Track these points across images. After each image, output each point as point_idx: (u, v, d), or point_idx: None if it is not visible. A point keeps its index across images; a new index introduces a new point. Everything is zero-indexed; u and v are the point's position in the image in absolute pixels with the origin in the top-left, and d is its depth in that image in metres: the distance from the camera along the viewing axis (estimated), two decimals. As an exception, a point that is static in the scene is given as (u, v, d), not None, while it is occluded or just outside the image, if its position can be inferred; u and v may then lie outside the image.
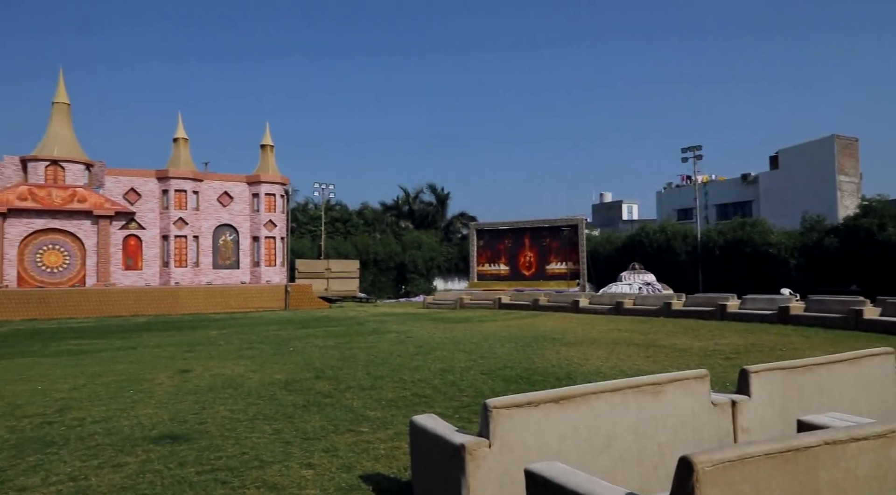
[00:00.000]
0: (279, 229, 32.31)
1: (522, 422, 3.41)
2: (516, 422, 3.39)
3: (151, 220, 30.12)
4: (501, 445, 3.37)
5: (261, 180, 31.98)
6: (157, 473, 4.79)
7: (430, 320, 20.62)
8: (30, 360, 11.53)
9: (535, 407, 3.41)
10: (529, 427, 3.42)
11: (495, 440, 3.36)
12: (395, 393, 7.84)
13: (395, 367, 10.02)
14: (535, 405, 3.41)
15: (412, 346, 12.92)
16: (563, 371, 9.39)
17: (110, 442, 5.72)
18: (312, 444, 5.53)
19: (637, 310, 21.43)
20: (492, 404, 3.35)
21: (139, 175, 30.27)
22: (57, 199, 27.97)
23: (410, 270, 40.80)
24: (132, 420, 6.59)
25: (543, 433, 3.43)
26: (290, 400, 7.51)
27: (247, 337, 15.38)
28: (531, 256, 38.21)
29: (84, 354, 12.36)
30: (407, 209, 48.82)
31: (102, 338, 15.61)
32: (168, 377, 9.35)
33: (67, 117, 29.99)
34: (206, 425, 6.30)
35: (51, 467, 4.97)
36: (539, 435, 3.41)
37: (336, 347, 12.89)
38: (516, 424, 3.39)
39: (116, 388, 8.44)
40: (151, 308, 25.94)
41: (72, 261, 28.66)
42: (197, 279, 30.36)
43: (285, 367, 10.17)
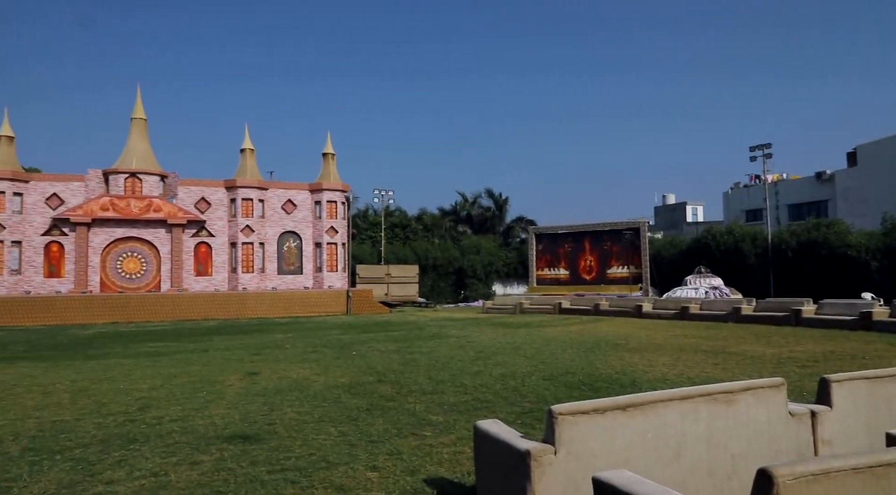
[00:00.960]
0: (340, 235, 33.03)
1: (588, 429, 3.36)
2: (582, 429, 3.35)
3: (220, 228, 31.39)
4: (567, 452, 3.33)
5: (322, 188, 32.81)
6: (231, 471, 4.98)
7: (489, 325, 20.59)
8: (113, 361, 12.22)
9: (601, 414, 3.36)
10: (595, 434, 3.36)
11: (561, 447, 3.33)
12: (456, 398, 7.87)
13: (456, 372, 10.05)
14: (601, 412, 3.36)
15: (472, 351, 12.93)
16: (627, 377, 9.18)
17: (187, 440, 5.99)
18: (377, 447, 5.63)
19: (704, 315, 20.70)
20: (557, 410, 3.32)
21: (209, 185, 31.64)
22: (135, 209, 29.59)
23: (469, 275, 40.86)
24: (206, 419, 6.88)
25: (610, 441, 3.37)
26: (354, 403, 7.66)
27: (311, 341, 15.78)
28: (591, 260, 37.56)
29: (161, 356, 12.99)
30: (465, 214, 48.95)
31: (177, 341, 16.38)
32: (238, 379, 9.71)
33: (144, 131, 31.72)
34: (274, 426, 6.51)
35: (134, 462, 5.26)
36: (606, 442, 3.36)
37: (397, 351, 13.05)
38: (582, 431, 3.35)
39: (191, 389, 8.83)
40: (221, 312, 27.01)
41: (148, 268, 30.23)
42: (263, 284, 31.41)
43: (348, 371, 10.37)
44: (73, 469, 5.10)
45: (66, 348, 15.17)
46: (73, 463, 5.27)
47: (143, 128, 31.78)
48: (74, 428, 6.58)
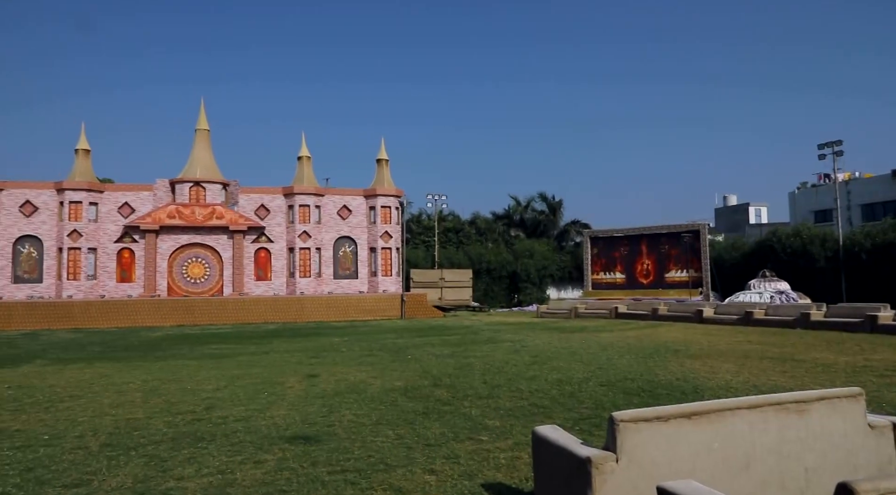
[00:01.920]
0: (395, 240, 33.43)
1: (651, 437, 3.28)
2: (644, 437, 3.28)
3: (279, 234, 32.32)
4: (629, 460, 3.26)
5: (377, 193, 33.31)
6: (293, 471, 5.11)
7: (544, 330, 20.38)
8: (180, 363, 12.74)
9: (664, 422, 3.28)
10: (659, 442, 3.28)
11: (622, 454, 3.26)
12: (512, 403, 7.83)
13: (512, 377, 10.00)
14: (664, 420, 3.28)
15: (527, 356, 12.83)
16: (688, 385, 8.91)
17: (250, 439, 6.19)
18: (434, 451, 5.66)
19: (769, 320, 19.86)
20: (618, 417, 3.26)
21: (268, 192, 32.63)
22: (199, 217, 30.83)
23: (523, 279, 40.57)
24: (268, 420, 7.09)
25: (674, 450, 3.28)
26: (410, 406, 7.73)
27: (367, 344, 16.02)
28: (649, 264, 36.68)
29: (224, 358, 13.46)
30: (518, 218, 48.68)
31: (239, 344, 16.93)
32: (297, 381, 9.95)
33: (207, 142, 33.05)
34: (333, 427, 6.64)
35: (202, 460, 5.47)
36: (669, 451, 3.27)
37: (452, 356, 13.09)
38: (644, 439, 3.27)
39: (253, 390, 9.11)
40: (280, 316, 27.76)
41: (211, 273, 31.42)
42: (319, 289, 32.11)
43: (404, 374, 10.47)
44: (147, 464, 5.36)
45: (137, 349, 15.92)
46: (147, 459, 5.53)
47: (207, 138, 33.11)
48: (147, 425, 6.90)
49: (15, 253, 29.56)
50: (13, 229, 29.51)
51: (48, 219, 29.87)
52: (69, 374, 11.18)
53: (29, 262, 29.77)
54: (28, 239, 29.74)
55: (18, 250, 29.63)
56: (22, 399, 8.70)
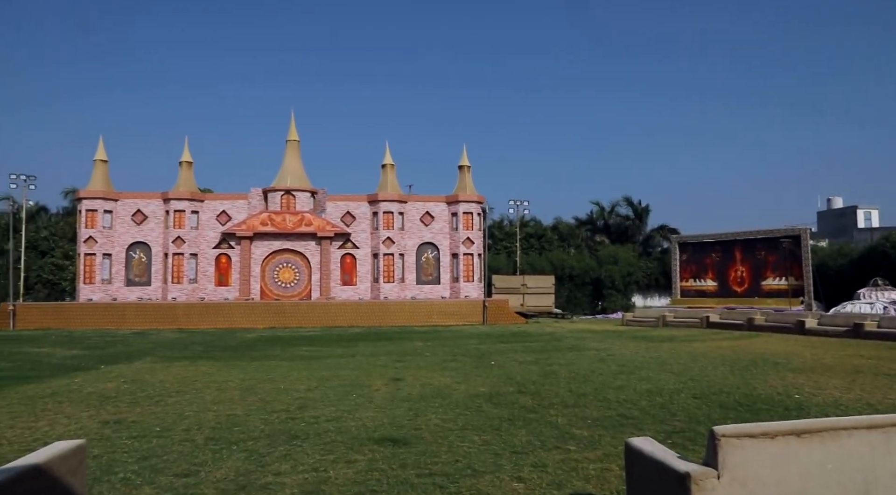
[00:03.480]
0: (476, 246, 33.54)
1: (756, 455, 3.11)
2: (749, 454, 3.11)
3: (364, 240, 33.24)
4: (732, 478, 3.10)
5: (459, 199, 33.57)
6: (383, 472, 5.23)
7: (630, 338, 19.77)
8: (273, 363, 13.36)
9: (771, 439, 3.09)
10: (764, 461, 3.11)
11: (724, 472, 3.11)
12: (600, 413, 7.64)
13: (598, 386, 9.77)
14: (771, 436, 3.10)
15: (614, 365, 12.50)
16: (791, 400, 8.36)
17: (341, 439, 6.39)
18: (521, 458, 5.62)
19: (882, 333, 18.30)
20: (720, 432, 3.12)
21: (353, 199, 33.67)
22: (289, 224, 32.26)
23: (607, 286, 39.59)
24: (357, 421, 7.29)
25: (782, 469, 3.09)
26: (495, 413, 7.72)
27: (449, 349, 16.14)
28: (743, 271, 34.83)
29: (314, 360, 13.98)
30: (602, 223, 47.56)
31: (327, 346, 17.53)
32: (384, 384, 10.17)
33: (297, 152, 34.58)
34: (420, 431, 6.73)
35: (297, 457, 5.71)
36: (777, 471, 3.09)
37: (536, 363, 12.96)
38: (749, 456, 3.10)
39: (342, 392, 9.40)
40: (365, 320, 28.51)
41: (300, 278, 32.76)
42: (403, 294, 32.71)
43: (488, 380, 10.47)
44: (247, 459, 5.65)
45: (234, 349, 16.84)
46: (247, 453, 5.84)
47: (297, 148, 34.65)
48: (245, 422, 7.28)
49: (127, 258, 32.10)
50: (126, 236, 32.07)
51: (156, 227, 32.24)
52: (175, 371, 11.99)
53: (139, 267, 32.23)
54: (139, 245, 32.23)
55: (130, 255, 32.16)
56: (136, 392, 9.42)
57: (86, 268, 31.50)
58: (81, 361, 14.02)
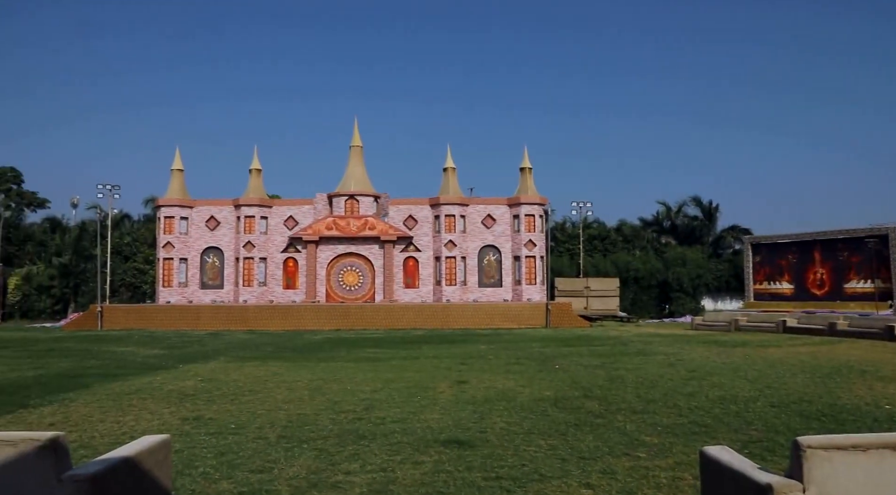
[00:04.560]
0: (539, 248, 33.23)
1: (846, 468, 2.94)
2: (837, 467, 2.94)
3: (426, 243, 33.54)
4: (819, 492, 2.95)
5: (520, 202, 33.37)
6: (449, 474, 5.26)
7: (700, 343, 19.08)
8: (339, 364, 13.67)
9: (863, 452, 2.92)
10: (855, 475, 2.93)
11: (810, 485, 2.96)
12: (670, 420, 7.41)
13: (668, 391, 9.48)
14: (863, 449, 2.92)
15: (684, 370, 12.09)
16: (881, 411, 7.84)
17: (408, 440, 6.46)
18: (589, 464, 5.52)
19: (984, 340, 16.90)
20: (805, 443, 2.97)
21: (415, 203, 34.04)
22: (353, 228, 32.96)
23: (674, 289, 38.36)
24: (422, 423, 7.35)
25: (875, 485, 2.91)
26: (561, 417, 7.62)
27: (513, 353, 16.05)
28: (823, 273, 33.00)
29: (378, 361, 14.21)
30: (668, 224, 46.13)
31: (391, 348, 17.77)
32: (448, 386, 10.22)
33: (360, 157, 35.31)
34: (486, 434, 6.73)
35: (365, 457, 5.82)
36: (870, 486, 2.91)
37: (601, 367, 12.70)
38: (837, 469, 2.94)
39: (407, 393, 9.50)
40: (427, 322, 28.73)
41: (364, 280, 33.39)
42: (465, 297, 32.78)
43: (552, 384, 10.35)
44: (318, 457, 5.81)
45: (302, 350, 17.34)
46: (317, 452, 6.00)
47: (360, 154, 35.38)
48: (314, 421, 7.48)
49: (202, 262, 33.66)
50: (200, 241, 33.64)
51: (228, 232, 33.66)
52: (247, 371, 12.46)
53: (213, 271, 33.72)
54: (212, 250, 33.74)
55: (205, 260, 33.71)
56: (212, 391, 9.85)
57: (164, 271, 33.25)
58: (162, 360, 14.78)
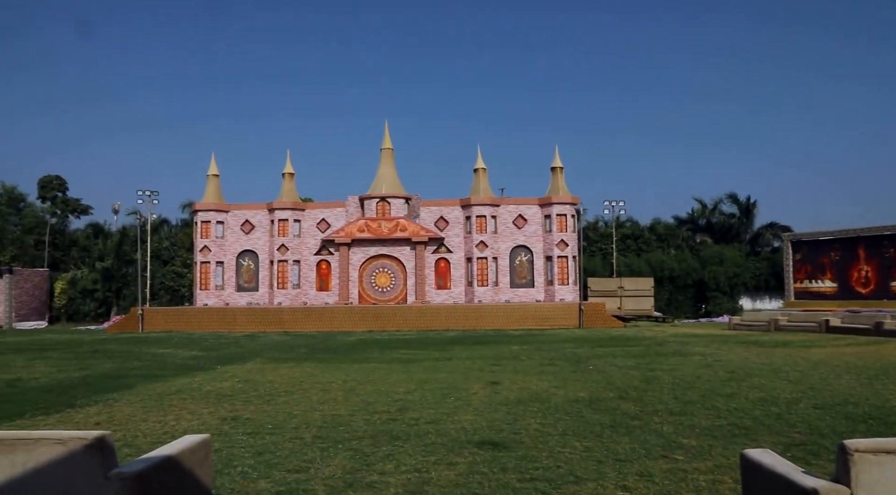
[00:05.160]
0: (571, 248, 32.94)
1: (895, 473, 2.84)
2: (888, 472, 2.84)
3: (457, 244, 33.56)
4: (867, 497, 2.85)
5: (552, 202, 33.13)
6: (484, 475, 5.25)
7: (739, 343, 18.65)
8: (372, 366, 13.77)
9: (914, 455, 2.81)
10: (906, 479, 2.82)
11: (858, 490, 2.86)
12: (708, 422, 7.26)
13: (705, 393, 9.29)
14: (913, 453, 2.81)
15: (722, 371, 11.83)
16: (932, 413, 7.55)
17: (441, 441, 6.47)
18: (625, 466, 5.45)
19: None
20: (853, 446, 2.87)
21: (446, 204, 34.09)
22: (385, 230, 33.18)
23: (711, 288, 37.60)
24: (456, 424, 7.35)
25: (928, 489, 2.80)
26: (596, 419, 7.53)
27: (546, 353, 15.93)
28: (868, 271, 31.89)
29: (411, 363, 14.27)
30: (704, 222, 45.25)
31: (423, 350, 17.82)
32: (481, 387, 10.20)
33: (391, 160, 35.53)
34: (520, 435, 6.69)
35: (400, 458, 5.85)
36: (922, 490, 2.80)
37: (636, 368, 12.52)
38: (888, 474, 2.84)
39: (440, 394, 9.52)
40: (459, 323, 28.73)
41: (396, 282, 33.57)
42: (496, 297, 32.69)
43: (587, 385, 10.24)
44: (353, 458, 5.86)
45: (335, 352, 17.52)
46: (352, 452, 6.05)
47: (391, 157, 35.60)
48: (349, 422, 7.54)
49: (237, 265, 34.32)
50: (236, 245, 34.30)
51: (262, 236, 34.25)
52: (283, 372, 12.65)
53: (248, 273, 34.35)
54: (247, 253, 34.37)
55: (240, 263, 34.36)
56: (249, 391, 10.03)
57: (201, 275, 34.00)
58: (200, 361, 15.11)
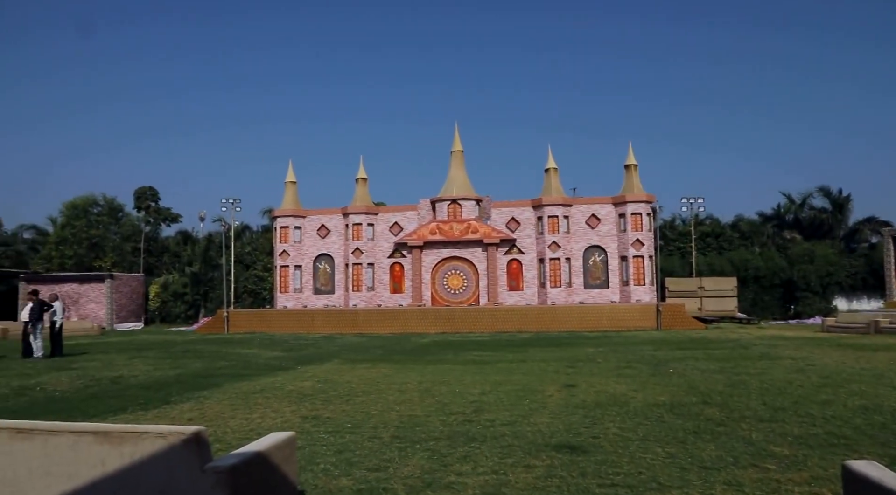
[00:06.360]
0: (647, 248, 31.96)
1: None
2: None
3: (529, 245, 33.28)
4: None
5: (626, 200, 32.27)
6: (562, 479, 5.17)
7: (833, 346, 17.49)
8: (447, 367, 13.86)
9: None
10: None
11: (981, 506, 2.62)
12: (802, 430, 6.85)
13: (798, 399, 8.77)
14: None
15: (815, 376, 11.13)
16: None
17: (518, 443, 6.43)
18: (712, 474, 5.22)
19: None
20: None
21: (517, 205, 33.88)
22: (456, 232, 33.36)
23: (801, 288, 35.48)
24: (532, 426, 7.29)
25: None
26: (678, 424, 7.27)
27: (623, 356, 15.53)
28: (983, 267, 29.16)
29: (485, 364, 14.26)
30: (792, 218, 42.78)
31: (496, 351, 17.78)
32: (556, 390, 10.07)
33: (462, 162, 35.70)
34: (598, 440, 6.55)
35: (476, 459, 5.86)
36: None
37: (720, 371, 11.98)
38: None
39: (515, 396, 9.46)
40: (532, 325, 28.47)
41: (468, 284, 33.67)
42: (570, 298, 32.16)
43: (667, 389, 9.90)
44: (430, 458, 5.92)
45: (409, 353, 17.77)
46: (429, 453, 6.12)
47: (461, 159, 35.78)
48: (425, 422, 7.63)
49: (314, 269, 35.47)
50: (313, 249, 35.47)
51: (337, 240, 35.24)
52: (359, 373, 12.95)
53: (324, 277, 35.43)
54: (323, 257, 35.47)
55: (317, 266, 35.49)
56: (328, 391, 10.34)
57: (281, 278, 35.37)
58: (282, 362, 15.71)
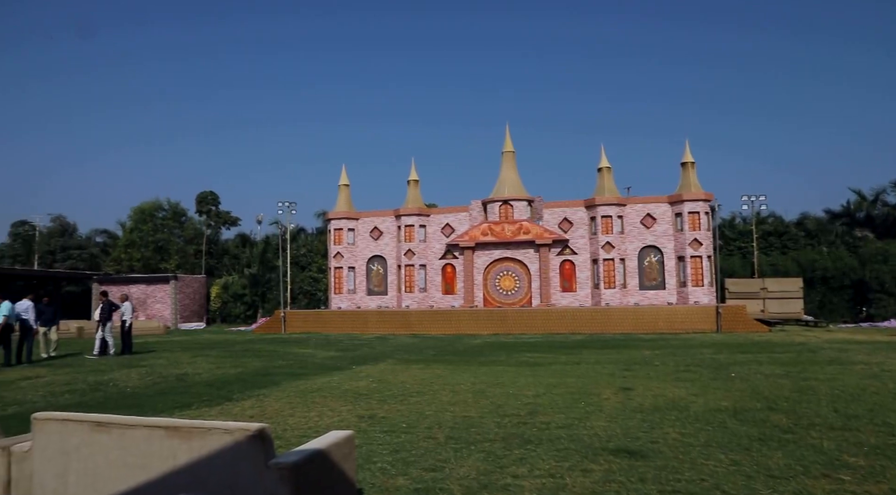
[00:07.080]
0: (705, 247, 30.98)
1: None
2: None
3: (582, 246, 32.79)
4: None
5: (683, 199, 31.38)
6: (621, 484, 5.07)
7: (911, 351, 16.50)
8: (500, 368, 13.81)
9: None
10: None
11: None
12: (879, 439, 6.50)
13: (873, 406, 8.32)
14: None
15: (892, 383, 10.53)
16: None
17: (574, 447, 6.35)
18: (780, 484, 5.02)
19: None
20: None
21: (570, 205, 33.44)
22: (508, 233, 33.20)
23: (874, 289, 33.60)
24: (589, 430, 7.18)
25: None
26: (742, 430, 7.01)
27: (681, 359, 15.10)
28: None
29: (538, 366, 14.13)
30: (863, 215, 40.59)
31: (550, 353, 17.59)
32: (612, 393, 9.88)
33: (513, 163, 35.52)
34: (658, 445, 6.39)
35: (532, 462, 5.81)
36: None
37: (786, 376, 11.49)
38: None
39: (570, 399, 9.34)
40: (586, 327, 28.03)
41: (520, 285, 33.45)
42: (625, 300, 31.50)
43: (729, 394, 9.56)
44: (485, 460, 5.91)
45: (462, 354, 17.79)
46: (484, 454, 6.11)
47: (512, 159, 35.60)
48: (479, 424, 7.62)
49: (368, 270, 35.99)
50: (366, 251, 36.00)
51: (390, 241, 35.64)
52: (413, 373, 13.06)
53: (377, 278, 35.89)
54: (376, 258, 35.94)
55: (370, 268, 36.00)
56: (383, 391, 10.47)
57: (335, 279, 36.06)
58: (337, 362, 16.01)
